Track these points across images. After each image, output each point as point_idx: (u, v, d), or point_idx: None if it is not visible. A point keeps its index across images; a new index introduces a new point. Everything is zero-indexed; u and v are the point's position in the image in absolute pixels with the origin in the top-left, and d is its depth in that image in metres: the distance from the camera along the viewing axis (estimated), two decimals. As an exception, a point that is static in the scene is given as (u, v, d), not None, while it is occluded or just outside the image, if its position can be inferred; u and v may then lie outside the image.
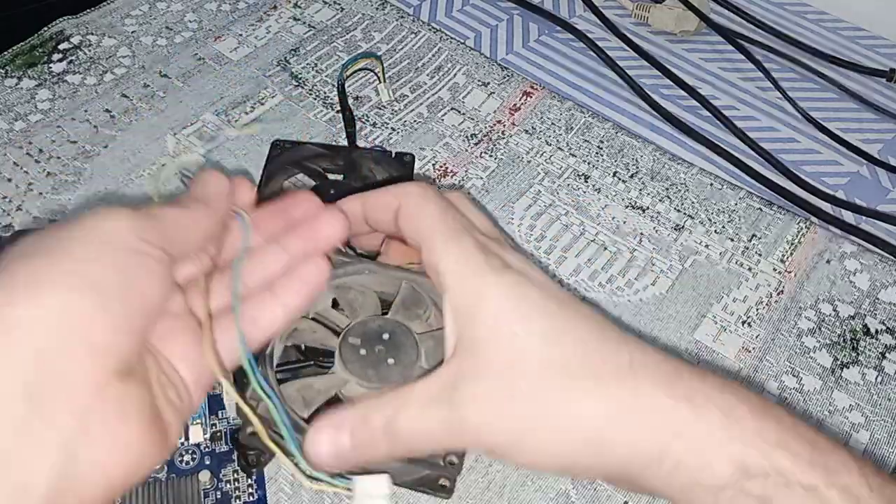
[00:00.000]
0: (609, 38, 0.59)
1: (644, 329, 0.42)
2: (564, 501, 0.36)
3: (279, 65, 0.54)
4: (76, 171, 0.47)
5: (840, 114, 0.55)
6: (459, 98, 0.53)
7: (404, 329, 0.32)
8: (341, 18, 0.58)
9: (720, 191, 0.49)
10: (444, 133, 0.51)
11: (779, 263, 0.45)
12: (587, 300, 0.43)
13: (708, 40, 0.60)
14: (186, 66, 0.53)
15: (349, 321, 0.33)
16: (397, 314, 0.33)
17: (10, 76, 0.52)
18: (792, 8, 0.64)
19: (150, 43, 0.55)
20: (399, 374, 0.31)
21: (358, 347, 0.32)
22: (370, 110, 0.52)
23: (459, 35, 0.58)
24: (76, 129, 0.49)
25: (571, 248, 0.45)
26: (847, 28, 0.62)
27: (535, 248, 0.45)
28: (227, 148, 0.49)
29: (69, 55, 0.53)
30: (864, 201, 0.50)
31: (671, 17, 0.59)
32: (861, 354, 0.42)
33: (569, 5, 0.62)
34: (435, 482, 0.31)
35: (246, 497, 0.34)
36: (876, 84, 0.58)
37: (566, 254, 0.45)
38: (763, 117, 0.55)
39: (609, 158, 0.50)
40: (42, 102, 0.50)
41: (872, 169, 0.52)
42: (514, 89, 0.54)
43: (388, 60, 0.55)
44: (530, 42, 0.59)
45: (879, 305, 0.44)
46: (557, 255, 0.45)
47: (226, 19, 0.57)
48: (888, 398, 0.40)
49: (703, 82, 0.57)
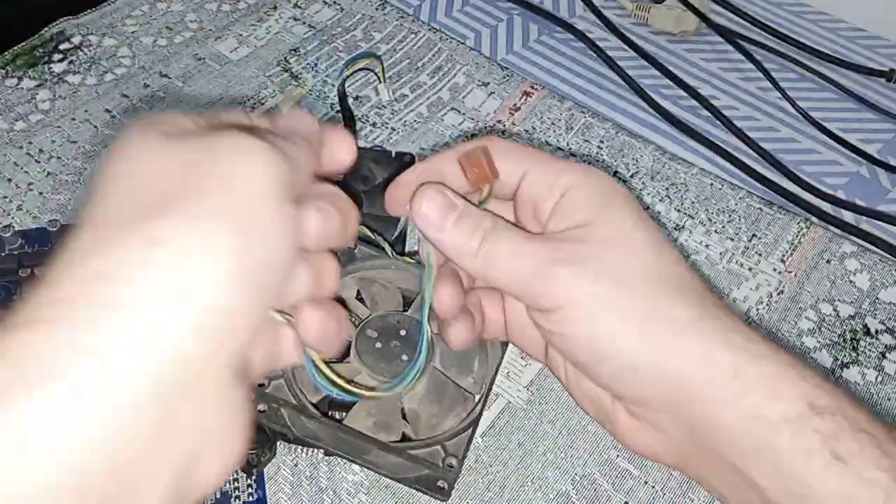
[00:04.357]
0: (609, 38, 0.59)
1: (644, 329, 0.42)
2: (564, 501, 0.36)
3: (279, 65, 0.54)
4: (76, 171, 0.47)
5: (840, 114, 0.55)
6: (459, 98, 0.53)
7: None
8: (341, 18, 0.58)
9: (720, 191, 0.49)
10: (444, 133, 0.51)
11: (779, 263, 0.46)
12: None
13: (708, 40, 0.60)
14: (186, 66, 0.53)
15: (369, 313, 0.33)
16: (417, 312, 0.33)
17: (11, 76, 0.52)
18: (791, 8, 0.64)
19: (151, 43, 0.55)
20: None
21: (374, 340, 0.32)
22: (370, 110, 0.52)
23: (459, 35, 0.58)
24: (76, 129, 0.49)
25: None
26: (847, 28, 0.62)
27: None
28: (228, 148, 0.49)
29: (70, 55, 0.53)
30: (864, 201, 0.50)
31: (671, 17, 0.59)
32: (861, 354, 0.42)
33: (569, 5, 0.62)
34: (433, 483, 0.31)
35: (246, 497, 0.34)
36: (876, 84, 0.58)
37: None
38: (763, 117, 0.55)
39: (609, 158, 0.50)
40: (42, 102, 0.50)
41: (872, 169, 0.52)
42: (514, 89, 0.54)
43: (388, 60, 0.55)
44: (530, 42, 0.59)
45: (879, 305, 0.44)
46: (557, 255, 0.45)
47: (226, 19, 0.57)
48: (888, 398, 0.40)
49: (703, 82, 0.57)
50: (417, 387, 0.32)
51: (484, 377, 0.34)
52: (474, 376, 0.34)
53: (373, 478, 0.36)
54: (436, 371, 0.33)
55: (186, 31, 0.56)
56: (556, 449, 0.37)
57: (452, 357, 0.33)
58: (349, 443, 0.31)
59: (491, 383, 0.34)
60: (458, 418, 0.32)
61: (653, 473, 0.37)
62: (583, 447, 0.37)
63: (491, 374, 0.34)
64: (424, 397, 0.32)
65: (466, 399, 0.33)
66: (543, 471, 0.36)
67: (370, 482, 0.36)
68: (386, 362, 0.32)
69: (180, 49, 0.55)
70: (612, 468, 0.37)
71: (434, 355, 0.32)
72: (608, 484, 0.36)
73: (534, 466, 0.37)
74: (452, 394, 0.33)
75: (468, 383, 0.33)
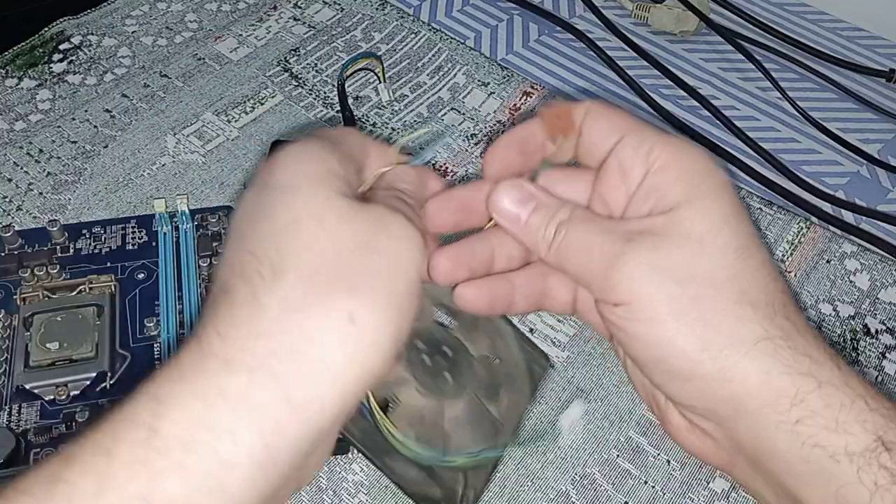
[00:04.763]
0: (609, 38, 0.59)
1: (644, 329, 0.42)
2: (564, 501, 0.36)
3: (279, 65, 0.54)
4: (76, 171, 0.47)
5: (840, 114, 0.55)
6: (459, 98, 0.53)
7: (464, 349, 0.32)
8: (341, 18, 0.58)
9: (720, 191, 0.49)
10: (443, 133, 0.51)
11: (779, 263, 0.45)
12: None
13: (708, 40, 0.60)
14: (186, 66, 0.53)
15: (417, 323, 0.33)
16: (459, 331, 0.33)
17: (11, 76, 0.52)
18: (792, 8, 0.64)
19: (151, 43, 0.55)
20: (453, 392, 0.31)
21: (422, 352, 0.31)
22: (370, 110, 0.52)
23: (459, 35, 0.58)
24: (76, 129, 0.49)
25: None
26: (847, 28, 0.62)
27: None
28: (227, 148, 0.49)
29: (69, 55, 0.53)
30: (864, 201, 0.50)
31: (671, 17, 0.59)
32: (861, 354, 0.42)
33: (569, 5, 0.62)
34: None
35: (246, 497, 0.34)
36: (876, 84, 0.58)
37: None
38: (763, 117, 0.55)
39: (609, 158, 0.50)
40: (42, 102, 0.50)
41: (872, 169, 0.52)
42: (514, 89, 0.54)
43: (388, 60, 0.55)
44: (530, 42, 0.59)
45: (879, 305, 0.44)
46: (557, 255, 0.45)
47: (226, 19, 0.57)
48: (888, 398, 0.40)
49: (703, 82, 0.57)
50: (456, 409, 0.31)
51: (508, 409, 0.33)
52: (499, 407, 0.33)
53: (373, 478, 0.36)
54: (475, 398, 0.32)
55: (186, 31, 0.56)
56: (556, 448, 0.37)
57: (479, 383, 0.33)
58: (378, 441, 0.30)
59: (518, 425, 0.34)
60: (485, 445, 0.32)
61: (653, 473, 0.37)
62: (583, 447, 0.37)
63: (520, 412, 0.34)
64: (460, 420, 0.32)
65: (497, 431, 0.32)
66: (543, 470, 0.36)
67: (370, 482, 0.36)
68: (431, 378, 0.31)
69: (180, 49, 0.55)
70: (612, 468, 0.37)
71: (473, 379, 0.32)
72: (608, 484, 0.36)
73: (533, 466, 0.37)
74: (486, 423, 0.32)
75: (494, 411, 0.33)
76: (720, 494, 0.36)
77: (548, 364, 0.36)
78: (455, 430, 0.31)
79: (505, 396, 0.34)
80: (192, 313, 0.39)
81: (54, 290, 0.39)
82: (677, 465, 0.37)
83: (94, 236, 0.42)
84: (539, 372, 0.35)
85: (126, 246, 0.42)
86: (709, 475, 0.37)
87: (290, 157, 0.24)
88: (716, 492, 0.36)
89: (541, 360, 0.36)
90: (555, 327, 0.41)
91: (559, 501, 0.36)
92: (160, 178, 0.47)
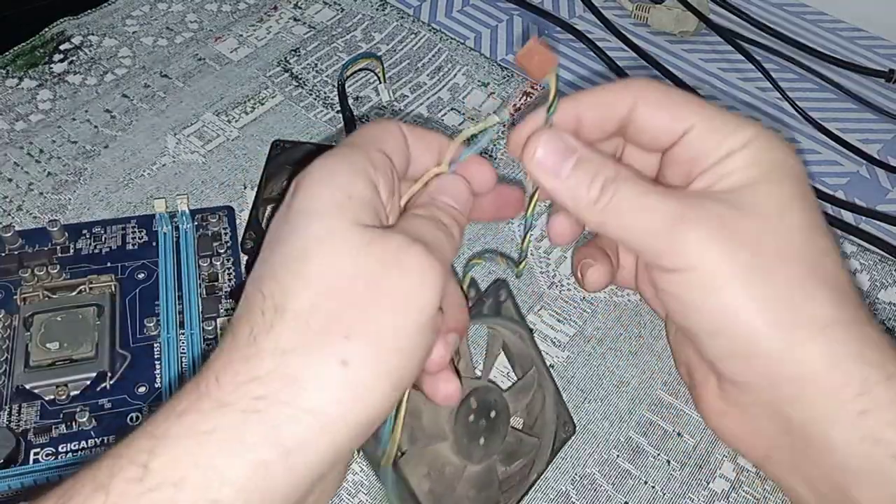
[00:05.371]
0: (609, 39, 0.59)
1: (645, 329, 0.42)
2: (564, 501, 0.36)
3: (279, 65, 0.54)
4: (76, 171, 0.47)
5: (839, 114, 0.55)
6: (459, 98, 0.53)
7: (506, 417, 0.32)
8: (341, 19, 0.58)
9: (720, 191, 0.49)
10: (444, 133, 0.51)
11: (778, 263, 0.45)
12: (588, 300, 0.43)
13: (707, 41, 0.60)
14: (187, 66, 0.53)
15: (479, 375, 0.32)
16: (509, 395, 0.32)
17: (11, 76, 0.52)
18: (791, 8, 0.64)
19: (151, 43, 0.55)
20: (479, 458, 0.31)
21: (472, 412, 0.30)
22: (370, 110, 0.52)
23: (459, 35, 0.58)
24: (76, 129, 0.49)
25: (572, 247, 0.45)
26: (846, 28, 0.62)
27: (536, 248, 0.45)
28: (228, 148, 0.49)
29: (70, 55, 0.53)
30: (864, 201, 0.50)
31: (671, 17, 0.59)
32: (861, 354, 0.42)
33: (569, 5, 0.62)
34: None
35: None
36: (875, 84, 0.58)
37: (566, 254, 0.45)
38: (763, 117, 0.55)
39: (609, 158, 0.50)
40: (43, 103, 0.50)
41: (872, 169, 0.52)
42: (514, 89, 0.54)
43: (389, 61, 0.55)
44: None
45: (879, 305, 0.44)
46: (558, 255, 0.45)
47: (226, 20, 0.57)
48: None
49: (703, 82, 0.57)
50: (472, 472, 0.31)
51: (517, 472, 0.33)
52: (509, 470, 0.33)
53: (373, 478, 0.36)
54: (493, 463, 0.32)
55: (187, 31, 0.56)
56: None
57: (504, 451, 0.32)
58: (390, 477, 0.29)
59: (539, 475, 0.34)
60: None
61: (653, 473, 0.37)
62: (583, 447, 0.37)
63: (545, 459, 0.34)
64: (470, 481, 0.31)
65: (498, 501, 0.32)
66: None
67: (370, 482, 0.36)
68: (468, 440, 0.30)
69: (181, 49, 0.55)
70: (612, 468, 0.37)
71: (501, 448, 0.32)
72: (608, 484, 0.36)
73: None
74: (492, 490, 0.32)
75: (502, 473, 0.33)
76: (720, 494, 0.36)
77: (573, 428, 0.36)
78: (462, 488, 0.31)
79: (520, 463, 0.33)
80: (192, 313, 0.39)
81: (54, 290, 0.39)
82: (677, 465, 0.37)
83: (94, 236, 0.42)
84: (563, 436, 0.35)
85: (126, 246, 0.42)
86: (709, 475, 0.37)
87: (313, 177, 0.23)
88: (716, 492, 0.36)
89: (569, 423, 0.35)
90: (555, 327, 0.41)
91: (559, 501, 0.36)
92: (160, 178, 0.47)
